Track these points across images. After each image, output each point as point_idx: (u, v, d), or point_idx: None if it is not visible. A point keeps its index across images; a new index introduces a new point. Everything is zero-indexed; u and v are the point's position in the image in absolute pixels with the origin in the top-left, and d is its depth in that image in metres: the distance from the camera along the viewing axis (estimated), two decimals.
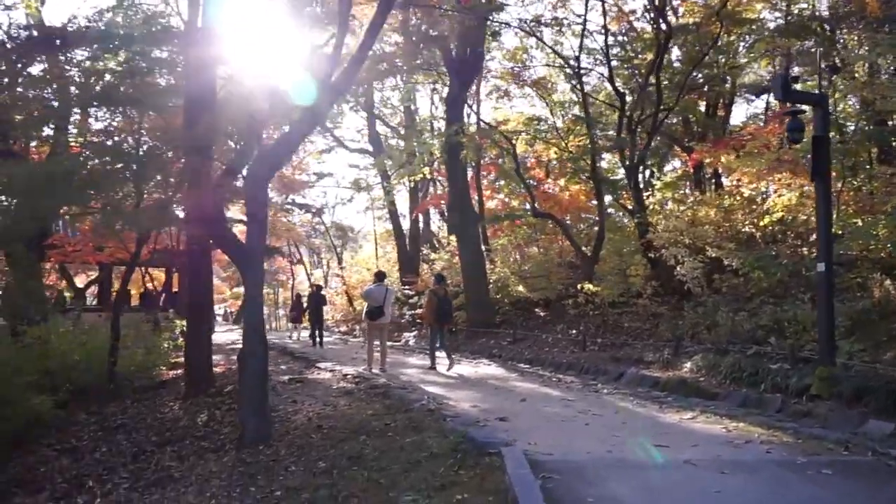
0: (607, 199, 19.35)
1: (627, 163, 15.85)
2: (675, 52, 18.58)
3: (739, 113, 38.90)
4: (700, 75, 17.46)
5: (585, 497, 4.23)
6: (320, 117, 8.56)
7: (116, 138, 11.14)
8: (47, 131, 12.41)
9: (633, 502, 4.18)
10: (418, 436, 6.20)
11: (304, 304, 19.78)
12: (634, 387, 9.37)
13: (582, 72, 17.23)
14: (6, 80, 9.95)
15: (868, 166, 13.23)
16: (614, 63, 17.87)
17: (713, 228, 13.49)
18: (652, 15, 15.90)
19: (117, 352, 11.42)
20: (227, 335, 22.57)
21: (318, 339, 16.88)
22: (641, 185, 17.29)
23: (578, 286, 14.26)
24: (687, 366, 9.57)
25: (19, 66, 10.05)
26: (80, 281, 26.55)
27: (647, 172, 22.93)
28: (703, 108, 20.02)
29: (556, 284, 16.29)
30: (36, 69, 10.76)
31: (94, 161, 10.15)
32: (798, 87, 16.07)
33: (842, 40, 15.43)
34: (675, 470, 4.89)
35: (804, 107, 8.76)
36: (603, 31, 16.77)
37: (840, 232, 10.60)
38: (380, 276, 11.52)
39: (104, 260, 17.00)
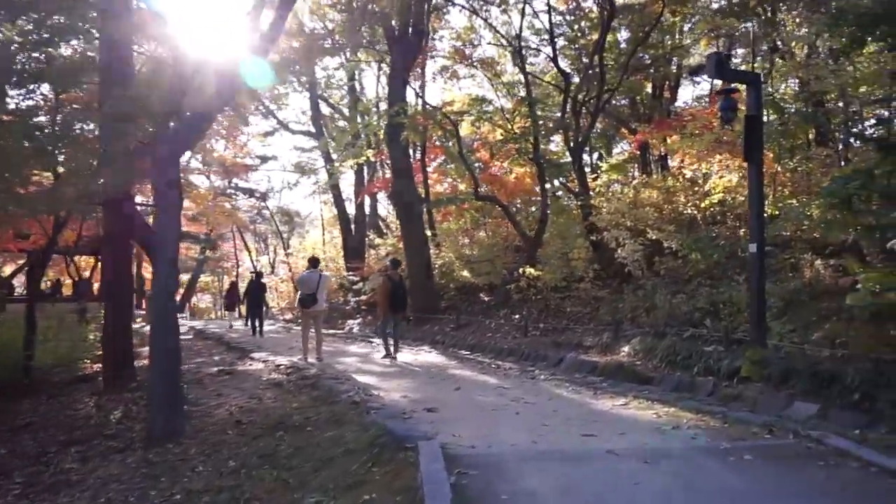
0: (555, 182, 19.20)
1: (572, 144, 15.69)
2: (624, 34, 18.48)
3: (686, 94, 39.34)
4: (647, 56, 17.39)
5: (500, 493, 4.03)
6: (238, 85, 8.05)
7: (39, 118, 10.34)
8: None
9: (549, 498, 3.97)
10: (338, 430, 5.90)
11: (243, 292, 19.08)
12: (572, 372, 9.24)
13: (528, 52, 16.96)
14: None
15: (807, 147, 13.31)
16: (561, 43, 17.69)
17: (654, 210, 13.43)
18: None
19: (34, 345, 10.79)
20: None
21: (257, 329, 16.32)
22: (589, 168, 17.17)
23: (520, 270, 14.08)
24: (625, 350, 9.48)
25: None
26: (8, 270, 25.14)
27: (596, 155, 22.94)
28: (649, 90, 20.03)
29: (500, 269, 16.08)
30: None
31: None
32: (743, 67, 16.31)
33: (782, 21, 15.50)
34: (597, 461, 4.73)
35: (740, 86, 8.65)
36: (547, 9, 16.52)
37: (777, 213, 10.64)
38: (313, 263, 11.08)
39: (27, 248, 15.94)
